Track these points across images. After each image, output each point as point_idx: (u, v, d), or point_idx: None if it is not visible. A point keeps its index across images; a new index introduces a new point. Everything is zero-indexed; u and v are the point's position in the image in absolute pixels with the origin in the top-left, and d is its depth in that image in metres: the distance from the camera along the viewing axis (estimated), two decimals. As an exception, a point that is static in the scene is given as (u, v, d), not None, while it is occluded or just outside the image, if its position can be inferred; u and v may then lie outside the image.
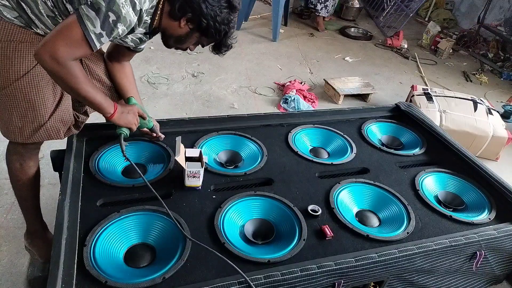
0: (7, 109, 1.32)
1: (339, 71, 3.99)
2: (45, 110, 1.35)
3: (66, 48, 1.11)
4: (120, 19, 1.12)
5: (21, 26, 1.23)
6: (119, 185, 1.37)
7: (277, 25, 4.42)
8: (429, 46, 4.85)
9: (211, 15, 1.22)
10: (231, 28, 1.30)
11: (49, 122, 1.37)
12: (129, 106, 1.43)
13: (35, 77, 1.29)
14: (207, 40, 1.33)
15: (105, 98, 1.31)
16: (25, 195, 1.55)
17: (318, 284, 1.15)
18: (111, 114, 1.32)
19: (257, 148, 1.66)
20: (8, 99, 1.30)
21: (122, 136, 1.38)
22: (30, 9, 1.21)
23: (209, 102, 3.16)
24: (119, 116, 1.35)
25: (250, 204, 1.36)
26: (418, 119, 1.98)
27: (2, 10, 1.20)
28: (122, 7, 1.10)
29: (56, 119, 1.39)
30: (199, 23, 1.24)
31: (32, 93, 1.31)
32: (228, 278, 1.07)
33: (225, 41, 1.33)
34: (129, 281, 1.05)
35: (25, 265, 1.69)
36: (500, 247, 1.40)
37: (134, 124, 1.41)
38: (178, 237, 1.19)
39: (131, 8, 1.13)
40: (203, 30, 1.27)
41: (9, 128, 1.35)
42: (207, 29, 1.26)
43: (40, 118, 1.35)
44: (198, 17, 1.22)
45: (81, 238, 1.14)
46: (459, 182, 1.62)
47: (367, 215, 1.43)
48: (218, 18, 1.24)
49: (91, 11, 1.08)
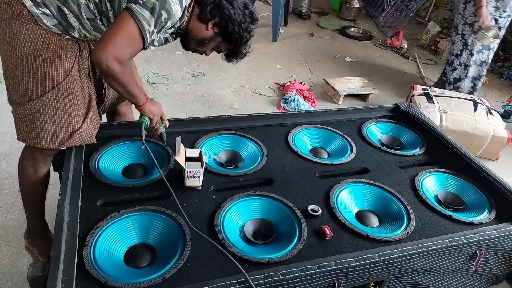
0: (40, 116, 1.33)
1: (339, 71, 3.99)
2: (79, 116, 1.39)
3: (127, 49, 1.14)
4: (171, 16, 1.17)
5: (57, 34, 1.24)
6: (119, 185, 1.37)
7: (277, 25, 4.42)
8: (429, 46, 4.85)
9: (238, 21, 1.29)
10: (251, 37, 1.39)
11: (82, 127, 1.40)
12: (156, 102, 1.46)
13: (70, 84, 1.33)
14: (226, 46, 1.39)
15: (140, 89, 1.35)
16: (33, 198, 1.57)
17: (318, 284, 1.15)
18: (144, 103, 1.35)
19: (257, 148, 1.66)
20: (43, 106, 1.32)
21: (143, 124, 1.40)
22: (72, 13, 1.22)
23: (209, 102, 3.16)
24: (149, 106, 1.38)
25: (250, 204, 1.36)
26: (418, 119, 1.98)
27: (42, 19, 1.20)
28: (172, 4, 1.15)
29: (88, 123, 1.42)
30: (225, 27, 1.30)
31: (67, 100, 1.34)
32: (228, 278, 1.07)
33: (241, 49, 1.41)
34: (129, 281, 1.05)
35: (25, 265, 1.69)
36: (500, 247, 1.40)
37: (156, 117, 1.43)
38: (178, 237, 1.19)
39: (179, 5, 1.18)
40: (227, 35, 1.33)
41: (40, 134, 1.36)
42: (231, 34, 1.32)
43: (74, 123, 1.38)
44: (226, 22, 1.29)
45: (81, 238, 1.14)
46: (459, 182, 1.62)
47: (367, 215, 1.43)
48: (243, 25, 1.32)
49: (145, 11, 1.11)
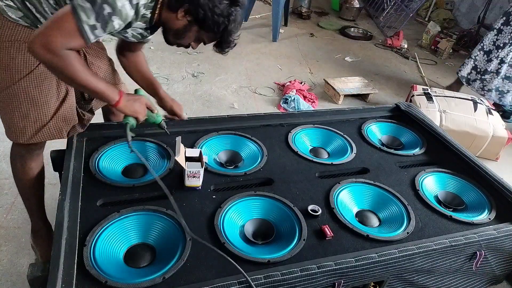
0: (9, 110, 1.31)
1: (339, 71, 3.99)
2: (48, 110, 1.35)
3: (58, 37, 1.08)
4: (115, 12, 1.09)
5: (26, 26, 1.23)
6: (119, 185, 1.37)
7: (277, 25, 4.42)
8: (429, 46, 4.85)
9: (209, 5, 1.17)
10: (232, 22, 1.23)
11: (51, 122, 1.37)
12: (136, 95, 1.39)
13: (38, 76, 1.29)
14: (206, 35, 1.28)
15: (108, 85, 1.26)
16: (27, 195, 1.56)
17: (318, 284, 1.15)
18: (117, 101, 1.27)
19: (257, 148, 1.66)
20: (10, 99, 1.29)
21: (128, 126, 1.32)
22: (35, 8, 1.21)
23: (209, 102, 3.16)
24: (125, 104, 1.30)
25: (250, 204, 1.36)
26: (418, 119, 1.98)
27: (7, 11, 1.20)
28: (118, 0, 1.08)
29: (59, 118, 1.39)
30: (196, 14, 1.19)
31: (34, 93, 1.30)
32: (228, 278, 1.07)
33: (226, 38, 1.27)
34: (129, 281, 1.05)
35: (25, 265, 1.69)
36: (500, 247, 1.40)
37: (141, 114, 1.35)
38: (178, 237, 1.19)
39: (127, 2, 1.10)
40: (201, 22, 1.21)
41: (10, 128, 1.35)
42: (204, 21, 1.20)
43: (43, 117, 1.34)
44: (195, 7, 1.18)
45: (81, 238, 1.14)
46: (459, 182, 1.62)
47: (367, 215, 1.43)
48: (216, 9, 1.18)
49: (86, 2, 1.06)
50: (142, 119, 1.37)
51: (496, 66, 3.19)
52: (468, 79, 3.38)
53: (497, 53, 3.15)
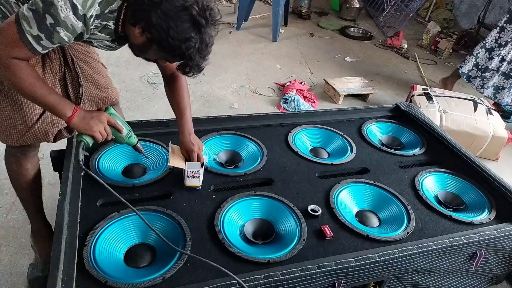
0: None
1: (339, 71, 3.99)
2: (33, 112, 1.33)
3: (2, 46, 1.05)
4: (58, 23, 1.03)
5: None
6: (119, 185, 1.37)
7: (277, 25, 4.42)
8: (429, 46, 4.85)
9: (163, 26, 1.06)
10: (191, 48, 1.10)
11: (37, 124, 1.35)
12: (95, 112, 1.27)
13: None
14: (167, 56, 1.16)
15: (60, 99, 1.19)
16: (25, 196, 1.55)
17: (318, 284, 1.15)
18: (69, 117, 1.19)
19: (257, 148, 1.66)
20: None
21: (81, 144, 1.24)
22: (9, 12, 1.19)
23: (209, 102, 3.16)
24: (79, 120, 1.21)
25: (250, 204, 1.36)
26: (418, 119, 1.98)
27: None
28: (60, 10, 1.02)
29: (45, 121, 1.37)
30: (151, 33, 1.09)
31: (19, 95, 1.28)
32: (228, 278, 1.06)
33: (187, 62, 1.15)
34: (129, 281, 1.05)
35: (25, 265, 1.69)
36: (500, 247, 1.40)
37: (97, 133, 1.24)
38: (178, 237, 1.19)
39: (71, 13, 1.03)
40: (158, 43, 1.11)
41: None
42: (160, 42, 1.10)
43: (28, 120, 1.33)
44: (150, 26, 1.08)
45: (81, 238, 1.14)
46: (459, 182, 1.62)
47: (367, 215, 1.43)
48: (172, 32, 1.06)
49: (29, 12, 1.02)
50: (100, 138, 1.26)
51: (497, 64, 3.19)
52: (469, 76, 3.37)
53: (499, 51, 3.15)
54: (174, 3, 1.06)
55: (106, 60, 2.92)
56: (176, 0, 1.06)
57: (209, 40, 1.14)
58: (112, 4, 1.09)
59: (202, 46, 1.12)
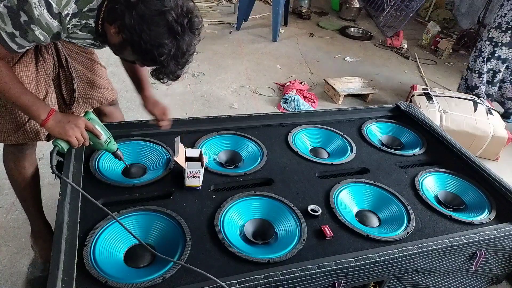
0: None
1: (339, 71, 3.99)
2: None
3: None
4: (32, 20, 1.02)
5: None
6: (119, 185, 1.37)
7: (277, 25, 4.42)
8: (429, 46, 4.85)
9: (136, 29, 1.03)
10: (164, 54, 1.06)
11: (28, 124, 1.34)
12: (73, 116, 1.24)
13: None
14: (140, 59, 1.13)
15: (35, 100, 1.17)
16: (23, 196, 1.55)
17: (318, 284, 1.15)
18: (43, 120, 1.17)
19: (257, 148, 1.66)
20: None
21: (55, 149, 1.20)
22: None
23: (209, 102, 3.16)
24: (54, 124, 1.19)
25: (250, 204, 1.36)
26: (418, 119, 1.98)
27: None
28: (34, 8, 1.00)
29: None
30: (126, 34, 1.06)
31: None
32: (228, 278, 1.07)
33: (161, 68, 1.11)
34: (129, 281, 1.05)
35: (25, 265, 1.70)
36: (500, 247, 1.40)
37: (73, 138, 1.21)
38: (178, 237, 1.19)
39: (45, 10, 1.02)
40: (130, 45, 1.08)
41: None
42: (132, 44, 1.07)
43: (19, 119, 1.32)
44: (124, 27, 1.05)
45: (81, 238, 1.14)
46: (459, 182, 1.62)
47: (367, 215, 1.43)
48: (144, 35, 1.03)
49: (4, 8, 1.02)
50: (75, 144, 1.23)
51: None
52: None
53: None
54: (151, 7, 1.03)
55: (106, 60, 2.92)
56: (154, 3, 1.03)
57: (187, 48, 1.10)
58: (91, 3, 1.08)
59: (178, 53, 1.09)
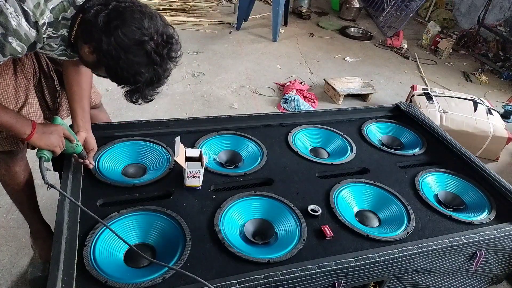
0: None
1: (339, 71, 3.99)
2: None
3: None
4: (9, 31, 0.97)
5: None
6: (119, 185, 1.37)
7: (277, 25, 4.42)
8: (429, 46, 4.85)
9: (113, 55, 1.00)
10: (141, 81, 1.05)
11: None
12: (53, 126, 1.25)
13: None
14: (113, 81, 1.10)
15: (17, 117, 1.15)
16: (19, 200, 1.53)
17: (318, 284, 1.15)
18: (28, 135, 1.16)
19: (257, 148, 1.66)
20: None
21: (43, 160, 1.21)
22: None
23: (209, 102, 3.16)
24: (40, 137, 1.19)
25: (250, 204, 1.36)
26: (418, 119, 1.98)
27: None
28: (11, 18, 0.95)
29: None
30: (100, 58, 1.04)
31: None
32: (228, 278, 1.07)
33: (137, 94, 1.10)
34: (129, 281, 1.05)
35: (25, 265, 1.70)
36: (500, 247, 1.40)
37: (57, 147, 1.24)
38: (178, 237, 1.19)
39: (23, 20, 0.97)
40: (105, 68, 1.06)
41: None
42: (108, 68, 1.05)
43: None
44: (99, 50, 1.02)
45: (81, 238, 1.14)
46: (459, 182, 1.62)
47: (367, 215, 1.43)
48: (122, 62, 1.00)
49: None
50: (59, 152, 1.25)
51: None
52: None
53: None
54: (130, 35, 1.00)
55: (106, 60, 2.92)
56: (133, 32, 1.00)
57: (164, 73, 1.10)
58: (66, 12, 1.05)
59: (154, 79, 1.08)
